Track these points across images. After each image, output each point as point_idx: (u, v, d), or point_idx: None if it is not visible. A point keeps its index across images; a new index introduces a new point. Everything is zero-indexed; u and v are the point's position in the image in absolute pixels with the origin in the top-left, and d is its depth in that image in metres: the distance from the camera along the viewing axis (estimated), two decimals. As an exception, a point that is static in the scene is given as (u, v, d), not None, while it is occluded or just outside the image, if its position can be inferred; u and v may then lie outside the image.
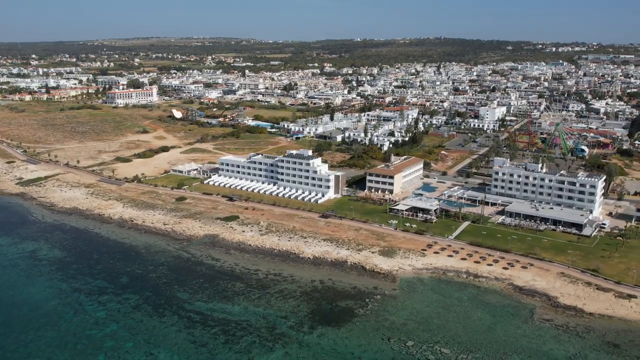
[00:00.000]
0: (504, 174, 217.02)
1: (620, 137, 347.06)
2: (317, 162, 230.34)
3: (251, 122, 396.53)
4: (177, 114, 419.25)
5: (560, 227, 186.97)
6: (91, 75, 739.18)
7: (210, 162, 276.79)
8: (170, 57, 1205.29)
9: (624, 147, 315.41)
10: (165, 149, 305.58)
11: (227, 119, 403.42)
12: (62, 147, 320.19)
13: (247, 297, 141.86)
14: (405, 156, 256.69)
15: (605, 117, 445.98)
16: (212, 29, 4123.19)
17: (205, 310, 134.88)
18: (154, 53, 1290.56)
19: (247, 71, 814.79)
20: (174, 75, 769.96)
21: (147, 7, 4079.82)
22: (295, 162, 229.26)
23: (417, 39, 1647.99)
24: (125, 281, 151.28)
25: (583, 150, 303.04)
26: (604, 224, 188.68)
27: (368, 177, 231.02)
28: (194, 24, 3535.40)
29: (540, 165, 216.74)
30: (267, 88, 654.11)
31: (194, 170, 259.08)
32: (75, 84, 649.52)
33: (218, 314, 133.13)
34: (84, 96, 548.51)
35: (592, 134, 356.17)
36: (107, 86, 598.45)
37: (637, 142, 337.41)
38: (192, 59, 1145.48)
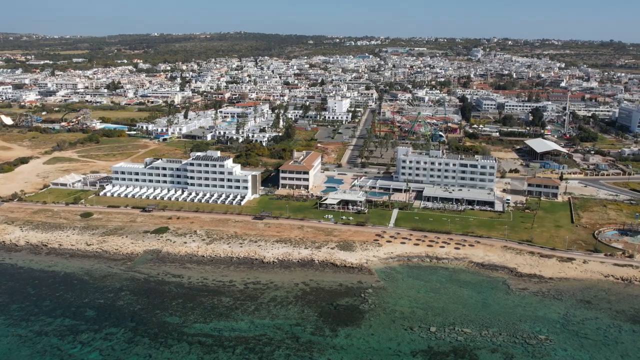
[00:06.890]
0: (410, 161, 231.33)
1: (460, 122, 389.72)
2: (229, 162, 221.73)
3: (100, 125, 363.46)
4: (7, 120, 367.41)
5: (476, 206, 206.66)
6: None
7: (93, 171, 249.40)
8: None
9: (470, 131, 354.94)
10: (24, 160, 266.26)
11: (71, 123, 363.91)
12: None
13: (244, 310, 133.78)
14: (305, 151, 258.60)
15: (432, 104, 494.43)
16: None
17: (211, 332, 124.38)
18: None
19: (55, 70, 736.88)
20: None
21: None
22: (207, 165, 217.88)
23: (218, 33, 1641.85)
24: (92, 314, 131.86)
25: (441, 136, 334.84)
26: (509, 200, 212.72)
27: (282, 174, 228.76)
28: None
29: (440, 151, 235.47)
30: (87, 87, 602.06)
31: (77, 181, 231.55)
32: None
33: (228, 333, 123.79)
34: None
35: (434, 120, 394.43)
36: None
37: (474, 125, 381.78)
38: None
